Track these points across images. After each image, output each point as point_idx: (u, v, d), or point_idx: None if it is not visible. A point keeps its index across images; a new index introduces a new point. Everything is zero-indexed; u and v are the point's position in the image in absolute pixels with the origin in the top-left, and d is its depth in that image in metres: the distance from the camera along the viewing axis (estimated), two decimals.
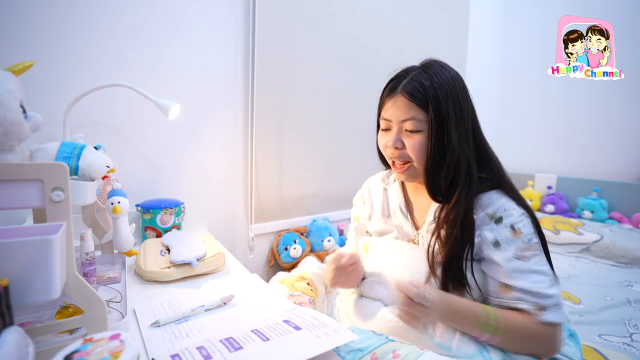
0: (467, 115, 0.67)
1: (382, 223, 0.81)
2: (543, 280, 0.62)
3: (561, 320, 0.61)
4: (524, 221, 0.64)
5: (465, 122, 0.67)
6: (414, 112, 0.65)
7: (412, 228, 0.75)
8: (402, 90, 0.67)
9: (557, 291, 0.62)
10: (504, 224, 0.64)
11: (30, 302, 0.33)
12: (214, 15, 1.14)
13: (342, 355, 0.57)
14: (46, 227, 0.37)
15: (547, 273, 0.63)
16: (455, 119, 0.65)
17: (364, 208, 0.87)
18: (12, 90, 0.39)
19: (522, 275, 0.62)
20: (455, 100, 0.65)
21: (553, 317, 0.60)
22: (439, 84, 0.65)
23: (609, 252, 1.58)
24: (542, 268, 0.63)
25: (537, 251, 0.63)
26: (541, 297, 0.61)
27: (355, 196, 0.92)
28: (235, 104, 1.23)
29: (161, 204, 0.95)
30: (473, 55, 2.19)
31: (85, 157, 0.54)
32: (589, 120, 2.12)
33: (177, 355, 0.40)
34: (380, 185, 0.85)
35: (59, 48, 0.90)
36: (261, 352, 0.41)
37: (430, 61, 0.70)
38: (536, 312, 0.60)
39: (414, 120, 0.65)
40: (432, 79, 0.65)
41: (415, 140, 0.66)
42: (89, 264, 0.58)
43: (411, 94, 0.65)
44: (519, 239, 0.63)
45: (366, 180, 0.91)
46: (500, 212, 0.65)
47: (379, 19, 1.59)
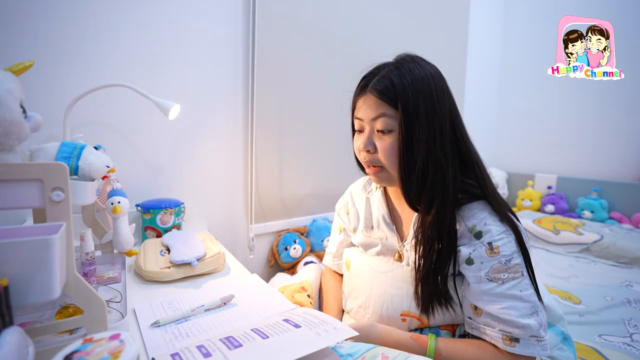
0: (442, 115, 0.61)
1: (365, 236, 0.76)
2: (518, 308, 0.55)
3: (533, 354, 0.54)
4: (503, 239, 0.58)
5: (440, 122, 0.60)
6: (383, 109, 0.61)
7: (397, 240, 0.71)
8: (372, 88, 0.63)
9: (536, 322, 0.55)
10: (481, 241, 0.59)
11: (30, 302, 0.33)
12: (214, 15, 1.14)
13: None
14: (46, 227, 0.37)
15: (525, 299, 0.55)
16: (427, 119, 0.59)
17: (347, 219, 0.82)
18: (12, 90, 0.39)
19: (492, 299, 0.56)
20: (427, 99, 0.60)
21: (523, 351, 0.53)
22: (410, 82, 0.60)
23: (609, 252, 1.59)
24: (519, 293, 0.56)
25: (516, 274, 0.57)
26: (512, 326, 0.54)
27: (337, 204, 0.87)
28: (235, 104, 1.23)
29: (161, 204, 0.95)
30: (473, 55, 2.19)
31: (85, 157, 0.54)
32: (589, 121, 2.12)
33: (177, 354, 0.40)
34: (362, 194, 0.80)
35: (59, 48, 0.90)
36: (261, 349, 0.41)
37: (405, 57, 0.66)
38: (504, 342, 0.54)
39: (384, 118, 0.61)
40: (403, 76, 0.61)
41: (386, 142, 0.62)
42: (89, 264, 0.58)
43: (381, 92, 0.61)
44: (496, 259, 0.57)
45: (349, 186, 0.87)
46: (480, 227, 0.60)
47: (378, 19, 1.59)
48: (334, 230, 0.88)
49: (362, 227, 0.77)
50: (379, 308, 0.66)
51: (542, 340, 0.55)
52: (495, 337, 0.56)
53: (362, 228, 0.77)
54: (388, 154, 0.62)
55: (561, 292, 1.24)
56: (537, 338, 0.55)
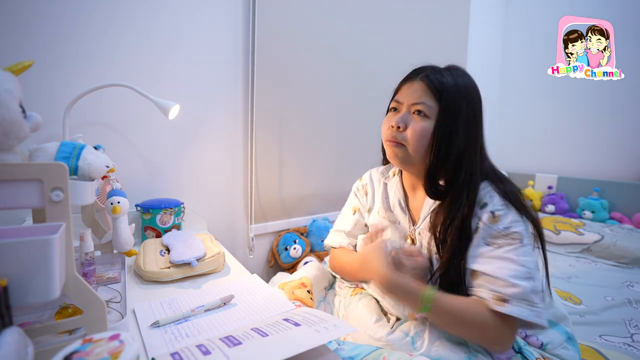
0: (478, 124, 0.68)
1: (381, 217, 0.80)
2: (512, 269, 0.56)
3: (522, 316, 0.54)
4: (504, 210, 0.62)
5: (475, 129, 0.67)
6: (426, 97, 0.65)
7: (409, 223, 0.75)
8: (422, 77, 0.67)
9: (529, 285, 0.55)
10: (485, 209, 0.63)
11: (30, 302, 0.33)
12: (214, 15, 1.14)
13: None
14: (46, 227, 0.37)
15: (522, 264, 0.57)
16: (467, 119, 0.65)
17: (365, 200, 0.86)
18: (11, 90, 0.39)
19: (486, 260, 0.59)
20: (470, 104, 0.66)
21: (511, 311, 0.54)
22: (459, 84, 0.66)
23: (610, 252, 1.58)
24: (516, 258, 0.57)
25: (515, 241, 0.59)
26: (503, 285, 0.56)
27: (355, 185, 0.90)
28: (235, 104, 1.23)
29: (161, 204, 0.95)
30: (473, 55, 2.19)
31: (85, 157, 0.54)
32: (589, 120, 2.12)
33: (177, 353, 0.40)
34: (380, 179, 0.84)
35: (59, 48, 0.90)
36: (260, 346, 0.41)
37: (456, 66, 0.72)
38: (494, 301, 0.56)
39: (424, 105, 0.65)
40: (455, 78, 0.66)
41: (419, 124, 0.65)
42: (89, 264, 0.58)
43: (430, 81, 0.66)
44: (495, 226, 0.61)
45: (367, 171, 0.90)
46: (486, 199, 0.64)
47: (378, 19, 1.59)
48: (347, 210, 0.90)
49: (379, 208, 0.81)
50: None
51: (534, 306, 0.55)
52: (487, 297, 0.57)
53: (379, 209, 0.81)
54: (417, 135, 0.65)
55: (562, 292, 1.24)
56: (528, 302, 0.55)
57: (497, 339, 0.57)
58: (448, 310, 0.59)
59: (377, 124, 0.83)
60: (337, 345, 0.62)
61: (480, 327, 0.57)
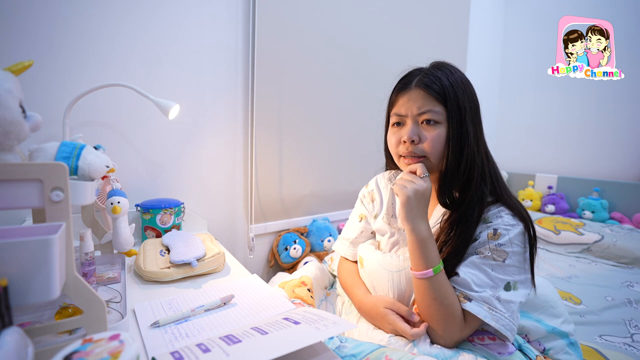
0: (479, 115, 0.68)
1: (385, 223, 0.79)
2: (479, 278, 0.60)
3: (479, 315, 0.57)
4: (509, 232, 0.63)
5: (479, 122, 0.68)
6: (431, 104, 0.64)
7: None
8: (417, 84, 0.66)
9: (491, 295, 0.59)
10: (488, 225, 0.64)
11: (30, 302, 0.33)
12: (214, 15, 1.14)
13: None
14: (46, 227, 0.37)
15: (490, 277, 0.60)
16: (472, 115, 0.65)
17: (372, 206, 0.85)
18: (11, 90, 0.39)
19: (467, 264, 0.62)
20: (470, 98, 0.66)
21: (471, 309, 0.58)
22: (455, 81, 0.65)
23: (610, 252, 1.58)
24: (488, 270, 0.60)
25: (498, 257, 0.61)
26: (467, 288, 0.60)
27: (361, 192, 0.90)
28: (235, 103, 1.23)
29: (161, 204, 0.95)
30: (473, 55, 2.19)
31: (85, 157, 0.54)
32: (589, 120, 2.12)
33: (177, 352, 0.40)
34: (387, 185, 0.83)
35: (59, 48, 0.90)
36: (260, 343, 0.41)
37: (441, 62, 0.70)
38: (460, 298, 0.60)
39: (431, 112, 0.64)
40: (448, 75, 0.65)
41: (434, 133, 0.64)
42: (89, 264, 0.58)
43: (428, 86, 0.65)
44: (491, 241, 0.62)
45: (373, 177, 0.89)
46: (492, 219, 0.65)
47: (378, 18, 1.59)
48: (354, 217, 0.89)
49: (384, 214, 0.80)
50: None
51: (495, 310, 0.58)
52: (457, 293, 0.61)
53: (384, 215, 0.80)
54: (435, 142, 0.64)
55: (562, 292, 1.24)
56: (489, 305, 0.58)
57: (452, 330, 0.60)
58: (444, 283, 0.61)
59: (377, 124, 0.83)
60: (339, 342, 0.62)
61: (451, 313, 0.60)
